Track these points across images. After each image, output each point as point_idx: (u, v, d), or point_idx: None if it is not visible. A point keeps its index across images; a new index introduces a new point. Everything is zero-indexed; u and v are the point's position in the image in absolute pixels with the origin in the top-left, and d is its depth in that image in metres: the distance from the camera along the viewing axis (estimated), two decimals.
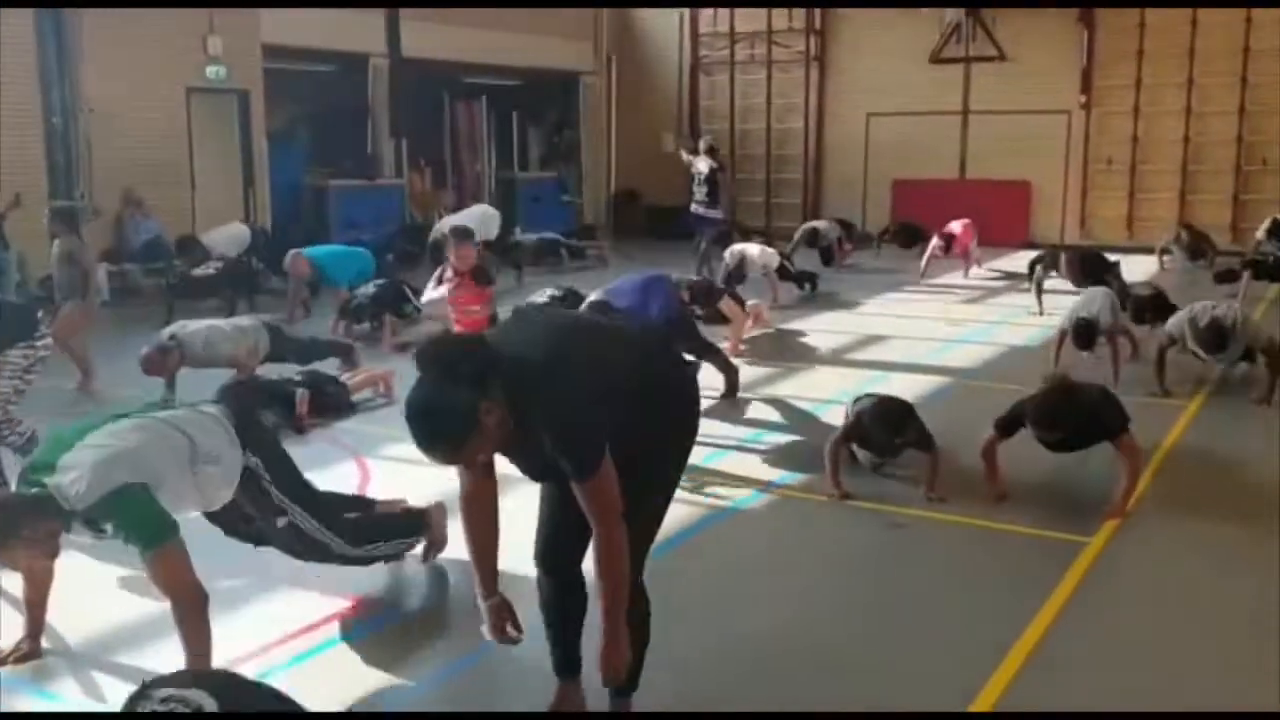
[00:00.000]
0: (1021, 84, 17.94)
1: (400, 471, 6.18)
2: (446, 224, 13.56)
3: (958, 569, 4.94)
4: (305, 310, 10.59)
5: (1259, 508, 5.51)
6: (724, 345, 9.20)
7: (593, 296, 7.18)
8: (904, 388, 8.07)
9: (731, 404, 7.65)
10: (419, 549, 4.80)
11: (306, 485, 4.31)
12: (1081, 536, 5.11)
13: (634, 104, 20.91)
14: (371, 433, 6.71)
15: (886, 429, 5.65)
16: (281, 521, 4.16)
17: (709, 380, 7.66)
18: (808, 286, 12.92)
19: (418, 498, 5.04)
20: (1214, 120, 17.07)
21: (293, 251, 10.66)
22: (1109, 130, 17.88)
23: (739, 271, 11.94)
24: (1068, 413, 5.30)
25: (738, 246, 12.53)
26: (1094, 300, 8.43)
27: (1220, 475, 6.20)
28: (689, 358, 7.65)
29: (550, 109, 20.78)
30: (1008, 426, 5.53)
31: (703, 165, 14.11)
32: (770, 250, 12.70)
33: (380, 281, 10.22)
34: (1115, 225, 17.79)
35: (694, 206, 14.24)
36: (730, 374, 7.87)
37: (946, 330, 10.55)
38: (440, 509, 4.92)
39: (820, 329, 10.66)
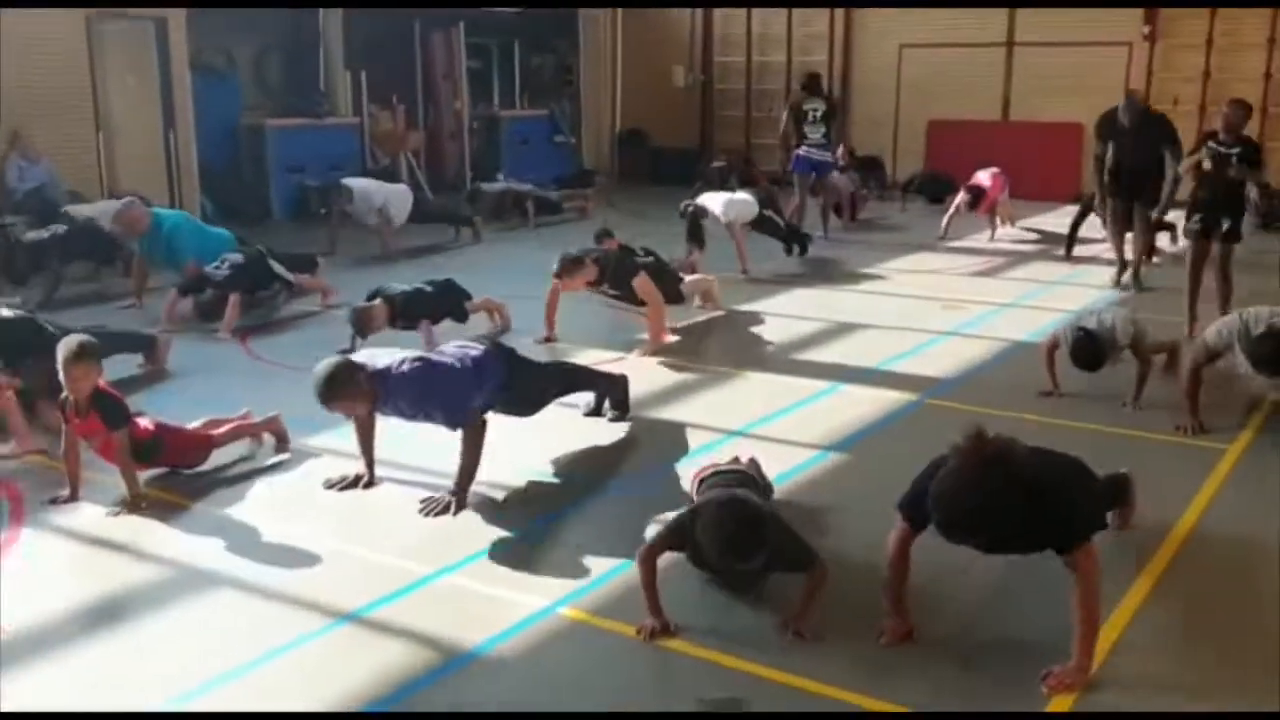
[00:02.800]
0: (1075, 12, 15.45)
1: (56, 550, 4.39)
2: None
3: None
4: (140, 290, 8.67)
5: None
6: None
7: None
8: (842, 409, 6.11)
9: (596, 442, 5.72)
10: None
11: None
12: None
13: (641, 33, 18.72)
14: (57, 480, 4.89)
15: (726, 553, 3.65)
16: None
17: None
18: (795, 249, 10.85)
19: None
20: None
21: (129, 198, 8.74)
22: (1176, 65, 15.36)
23: (696, 229, 9.93)
24: (986, 509, 3.23)
25: (702, 197, 10.45)
26: (1105, 310, 6.38)
27: (1257, 594, 4.13)
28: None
29: (544, 38, 18.68)
30: (919, 513, 3.50)
31: (819, 102, 12.20)
32: (743, 198, 10.57)
33: (238, 254, 8.32)
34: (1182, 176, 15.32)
35: (806, 150, 12.17)
36: (614, 388, 5.94)
37: (940, 316, 8.46)
38: None
39: (784, 312, 8.63)
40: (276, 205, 13.71)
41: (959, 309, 8.72)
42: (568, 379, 5.67)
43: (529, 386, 5.24)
